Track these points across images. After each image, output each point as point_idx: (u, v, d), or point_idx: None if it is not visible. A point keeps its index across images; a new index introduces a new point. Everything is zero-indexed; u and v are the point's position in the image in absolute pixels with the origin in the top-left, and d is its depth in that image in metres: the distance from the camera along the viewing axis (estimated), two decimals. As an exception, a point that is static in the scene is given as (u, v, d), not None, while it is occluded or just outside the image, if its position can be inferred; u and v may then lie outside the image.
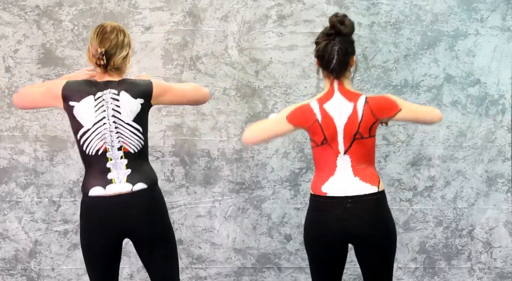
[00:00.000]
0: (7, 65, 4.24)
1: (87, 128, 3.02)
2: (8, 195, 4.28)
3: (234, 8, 4.32)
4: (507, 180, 4.47)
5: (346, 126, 3.03)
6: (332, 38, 3.03)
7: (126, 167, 3.03)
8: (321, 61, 3.07)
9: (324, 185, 3.05)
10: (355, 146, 3.04)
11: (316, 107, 3.05)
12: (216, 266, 4.39)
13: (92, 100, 3.02)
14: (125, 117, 3.03)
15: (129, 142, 3.03)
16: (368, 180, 3.05)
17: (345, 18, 3.05)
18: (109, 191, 3.00)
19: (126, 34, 3.10)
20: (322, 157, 3.07)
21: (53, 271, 4.32)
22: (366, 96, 3.07)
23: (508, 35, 4.42)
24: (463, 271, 4.50)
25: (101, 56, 3.02)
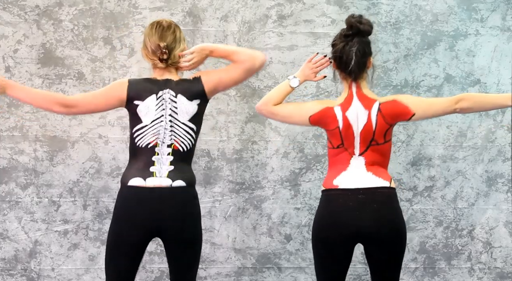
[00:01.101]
0: (7, 65, 4.24)
1: (145, 124, 3.07)
2: (8, 195, 4.28)
3: (234, 8, 4.32)
4: (507, 180, 4.47)
5: (362, 133, 3.03)
6: (350, 39, 3.02)
7: (170, 164, 3.06)
8: (339, 62, 3.06)
9: (336, 179, 3.04)
10: (370, 150, 3.04)
11: (340, 114, 3.04)
12: (216, 266, 4.39)
13: (155, 99, 3.08)
14: (181, 118, 3.08)
15: (181, 140, 3.08)
16: (381, 176, 3.04)
17: (362, 17, 3.04)
18: (149, 183, 3.03)
19: (181, 30, 3.16)
20: (336, 158, 3.07)
21: (53, 271, 4.31)
22: (379, 103, 3.05)
23: (508, 35, 4.43)
24: (463, 271, 4.50)
25: (164, 50, 3.07)
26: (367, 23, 3.04)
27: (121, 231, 3.04)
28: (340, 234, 2.99)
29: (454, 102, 3.10)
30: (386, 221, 2.99)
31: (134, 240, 3.04)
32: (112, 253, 3.06)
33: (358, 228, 2.97)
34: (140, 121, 3.07)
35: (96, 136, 4.28)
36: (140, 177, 3.04)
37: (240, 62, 3.14)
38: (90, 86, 4.24)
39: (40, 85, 4.24)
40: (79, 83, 4.25)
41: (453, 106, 3.10)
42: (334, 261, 3.04)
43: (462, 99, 3.11)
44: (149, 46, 3.10)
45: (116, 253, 3.05)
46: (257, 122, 4.36)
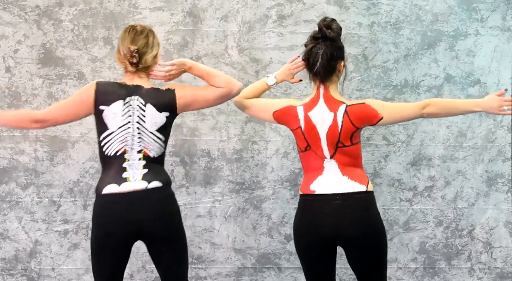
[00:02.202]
0: (7, 65, 4.25)
1: (112, 131, 3.04)
2: (8, 195, 4.28)
3: (234, 8, 4.32)
4: (507, 180, 4.47)
5: (328, 134, 3.03)
6: (318, 41, 3.04)
7: (143, 167, 3.05)
8: (307, 64, 3.09)
9: (312, 184, 3.05)
10: (339, 153, 3.04)
11: (302, 114, 3.06)
12: (216, 266, 4.39)
13: (121, 105, 3.05)
14: (149, 127, 3.06)
15: (151, 148, 3.06)
16: (357, 179, 3.04)
17: (333, 22, 3.05)
18: (124, 188, 3.01)
19: (155, 35, 3.15)
20: (308, 162, 3.08)
21: (53, 271, 4.32)
22: (346, 105, 3.05)
23: (508, 35, 4.43)
24: (463, 271, 4.50)
25: (134, 54, 3.05)
26: (335, 28, 3.04)
27: (104, 238, 3.04)
28: (318, 239, 3.01)
29: (421, 107, 3.10)
30: (362, 226, 3.00)
31: (115, 247, 3.03)
32: (96, 260, 3.08)
33: (335, 233, 2.99)
34: (107, 127, 3.04)
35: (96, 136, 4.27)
36: (114, 184, 3.01)
37: (218, 86, 3.13)
38: (90, 86, 4.24)
39: (40, 85, 4.24)
40: (79, 83, 4.25)
41: (419, 111, 3.10)
42: (318, 263, 3.06)
43: (428, 104, 3.10)
44: (121, 50, 3.08)
45: (100, 260, 3.07)
46: (257, 122, 4.36)
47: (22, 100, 4.24)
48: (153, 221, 3.02)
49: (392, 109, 3.10)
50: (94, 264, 3.10)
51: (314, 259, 3.05)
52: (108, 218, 3.02)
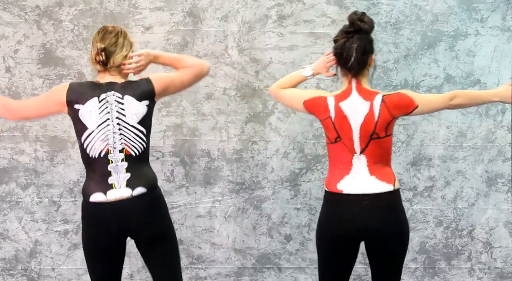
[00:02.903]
0: (7, 65, 4.25)
1: (91, 130, 3.04)
2: (8, 195, 4.28)
3: (234, 8, 4.32)
4: (507, 180, 4.47)
5: (363, 125, 3.01)
6: (351, 35, 3.03)
7: (126, 171, 3.04)
8: (339, 58, 3.06)
9: (339, 183, 3.03)
10: (371, 146, 3.02)
11: (332, 104, 3.04)
12: (216, 266, 4.39)
13: (97, 102, 3.04)
14: (130, 120, 3.05)
15: (132, 144, 3.05)
16: (384, 179, 3.04)
17: (364, 15, 3.05)
18: (110, 197, 3.02)
19: (127, 37, 3.14)
20: (337, 155, 3.06)
21: (53, 271, 4.32)
22: (382, 95, 3.06)
23: (508, 35, 4.42)
24: (463, 271, 4.50)
25: (99, 52, 3.05)
26: (369, 21, 3.05)
27: (93, 244, 3.07)
28: (345, 237, 3.01)
29: (449, 98, 3.15)
30: (390, 224, 3.01)
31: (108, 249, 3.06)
32: (92, 265, 3.11)
33: (362, 232, 3.00)
34: (86, 127, 3.03)
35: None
36: (100, 192, 3.02)
37: (189, 66, 3.16)
38: (90, 86, 4.25)
39: (40, 85, 4.24)
40: (79, 83, 4.25)
41: (448, 102, 3.16)
42: (339, 262, 3.06)
43: (455, 96, 3.16)
44: (92, 50, 3.11)
45: (94, 264, 3.10)
46: (257, 122, 4.36)
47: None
48: (140, 225, 3.03)
49: (426, 99, 3.14)
50: (88, 265, 3.14)
51: (334, 256, 3.05)
52: (97, 226, 3.04)
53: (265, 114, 4.36)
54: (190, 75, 3.18)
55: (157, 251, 3.07)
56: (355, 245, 3.06)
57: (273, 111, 4.36)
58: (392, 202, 3.04)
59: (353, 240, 3.03)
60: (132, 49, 3.15)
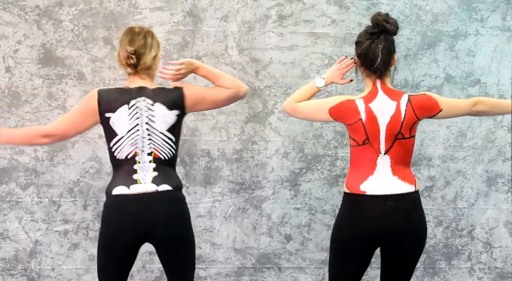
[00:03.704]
0: (7, 65, 4.25)
1: (121, 136, 3.03)
2: (8, 195, 4.28)
3: (234, 8, 4.32)
4: (507, 180, 4.47)
5: (389, 125, 3.00)
6: (376, 36, 3.01)
7: (153, 170, 3.04)
8: (364, 60, 3.04)
9: (363, 184, 3.02)
10: (396, 146, 3.02)
11: (362, 106, 3.02)
12: (216, 266, 4.39)
13: (127, 109, 3.03)
14: (159, 127, 3.04)
15: (161, 149, 3.05)
16: (407, 179, 3.04)
17: (389, 16, 3.04)
18: (133, 190, 3.01)
19: (154, 36, 3.13)
20: (361, 156, 3.04)
21: (53, 271, 4.32)
22: (408, 95, 3.05)
23: (508, 35, 4.43)
24: (463, 271, 4.50)
25: (131, 55, 3.04)
26: (394, 23, 3.04)
27: (112, 239, 3.04)
28: (367, 239, 3.00)
29: (472, 104, 3.16)
30: (414, 226, 3.02)
31: (123, 247, 3.03)
32: (103, 259, 3.08)
33: (385, 233, 2.99)
34: (115, 134, 3.03)
35: (96, 136, 4.28)
36: (123, 186, 3.01)
37: (226, 87, 3.12)
38: (90, 86, 4.25)
39: (40, 85, 4.24)
40: (79, 83, 4.25)
41: (470, 108, 3.16)
42: (352, 263, 3.05)
43: (478, 102, 3.16)
44: (120, 53, 3.08)
45: (107, 259, 3.06)
46: (257, 122, 4.36)
47: (22, 100, 4.24)
48: (161, 224, 3.01)
49: (449, 103, 3.13)
50: (100, 263, 3.10)
51: (351, 258, 3.04)
52: (117, 218, 3.02)
53: (265, 114, 4.36)
54: (224, 97, 3.13)
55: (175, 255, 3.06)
56: (375, 246, 3.05)
57: (273, 111, 4.36)
58: (414, 203, 3.05)
59: (374, 241, 3.02)
60: (159, 49, 3.13)
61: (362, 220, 3.00)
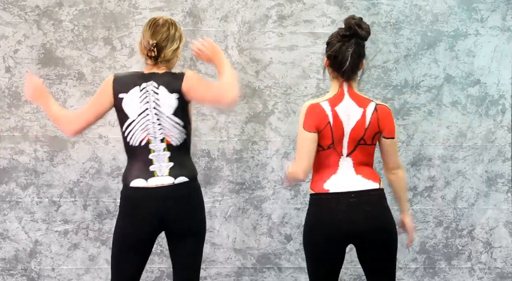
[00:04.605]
0: (7, 65, 4.24)
1: (132, 119, 3.04)
2: (8, 195, 4.28)
3: (234, 8, 4.32)
4: (507, 180, 4.47)
5: (353, 131, 3.01)
6: (347, 39, 3.01)
7: (169, 160, 3.04)
8: (333, 61, 3.03)
9: (326, 183, 3.03)
10: (358, 150, 3.03)
11: (328, 109, 3.01)
12: (216, 266, 4.39)
13: (138, 91, 3.04)
14: (165, 111, 3.04)
15: (171, 134, 3.05)
16: (370, 177, 3.04)
17: (362, 21, 3.02)
18: (151, 183, 3.03)
19: (178, 28, 3.11)
20: (324, 160, 3.05)
21: (53, 271, 4.32)
22: (376, 103, 3.05)
23: (508, 35, 4.43)
24: (463, 271, 4.50)
25: (152, 48, 3.04)
26: (366, 28, 3.02)
27: (128, 228, 3.05)
28: (333, 237, 3.00)
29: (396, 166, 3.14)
30: (378, 222, 3.01)
31: (140, 236, 3.04)
32: (120, 250, 3.07)
33: (350, 230, 2.99)
34: (127, 116, 3.04)
35: (96, 136, 4.28)
36: (141, 178, 3.03)
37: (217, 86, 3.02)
38: (90, 86, 4.25)
39: (40, 85, 4.24)
40: (79, 83, 4.25)
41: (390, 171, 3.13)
42: (327, 262, 3.05)
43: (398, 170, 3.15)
44: (142, 42, 3.09)
45: (124, 249, 3.06)
46: (257, 122, 4.36)
47: (22, 100, 4.24)
48: (179, 216, 3.04)
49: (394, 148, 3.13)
50: (116, 255, 3.08)
51: (325, 258, 3.03)
52: (136, 211, 3.03)
53: (265, 114, 4.36)
54: (207, 98, 3.06)
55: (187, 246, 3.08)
56: (344, 245, 3.04)
57: (273, 111, 4.36)
58: (379, 199, 3.04)
59: (341, 239, 3.01)
60: (182, 40, 3.11)
61: (327, 218, 3.00)
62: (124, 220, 3.07)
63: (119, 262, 3.08)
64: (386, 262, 3.06)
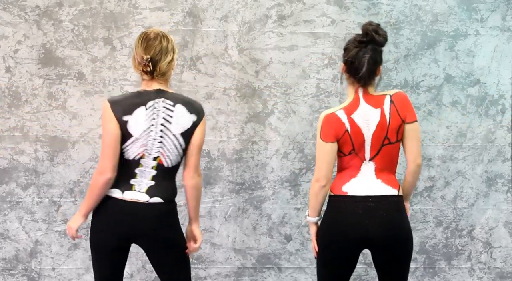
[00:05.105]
0: (7, 65, 4.25)
1: (136, 138, 3.01)
2: (8, 195, 4.29)
3: (234, 8, 4.32)
4: (507, 180, 4.47)
5: (375, 134, 3.00)
6: (364, 45, 3.00)
7: (152, 178, 3.04)
8: (350, 67, 3.03)
9: (345, 185, 3.03)
10: (381, 153, 3.02)
11: (344, 117, 3.01)
12: (216, 266, 4.40)
13: (144, 110, 3.00)
14: (174, 129, 3.02)
15: (168, 154, 3.03)
16: (389, 183, 3.04)
17: (379, 27, 3.01)
18: (126, 196, 3.02)
19: (170, 40, 3.07)
20: (346, 164, 3.05)
21: (53, 271, 4.32)
22: (390, 95, 3.05)
23: (508, 35, 4.42)
24: (463, 271, 4.50)
25: (147, 63, 3.00)
26: (383, 34, 3.01)
27: (101, 239, 3.06)
28: (349, 240, 3.00)
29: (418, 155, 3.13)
30: (394, 228, 3.01)
31: (114, 247, 3.06)
32: (98, 263, 3.11)
33: (366, 234, 2.99)
34: (131, 135, 3.00)
35: (96, 136, 4.28)
36: (118, 189, 3.02)
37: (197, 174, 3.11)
38: (90, 86, 4.25)
39: (40, 85, 4.25)
40: (79, 83, 4.26)
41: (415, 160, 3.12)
42: (341, 265, 3.05)
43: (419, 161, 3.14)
44: (136, 58, 3.04)
45: (100, 262, 3.10)
46: (257, 122, 4.37)
47: (22, 100, 4.25)
48: (147, 232, 3.03)
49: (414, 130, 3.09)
50: (93, 263, 3.14)
51: (340, 260, 3.04)
52: (107, 220, 3.04)
53: (265, 114, 4.36)
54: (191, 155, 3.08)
55: (162, 260, 3.07)
56: (358, 249, 3.05)
57: (273, 111, 4.36)
58: (397, 205, 3.04)
59: (357, 243, 3.02)
60: (176, 52, 3.08)
61: (343, 220, 3.01)
62: (95, 226, 3.08)
63: (94, 265, 3.12)
64: (399, 268, 3.07)
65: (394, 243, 3.01)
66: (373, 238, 2.99)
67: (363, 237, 3.00)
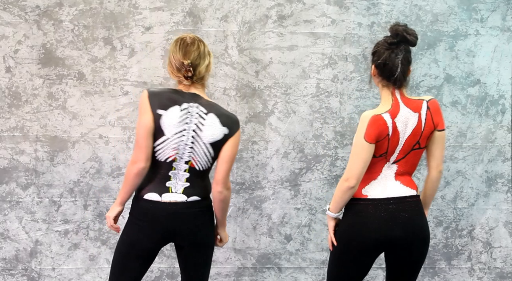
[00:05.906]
0: (7, 65, 4.25)
1: (167, 137, 3.02)
2: (8, 195, 4.29)
3: (234, 8, 4.32)
4: (507, 180, 4.47)
5: (408, 138, 3.00)
6: (395, 46, 2.98)
7: (186, 180, 3.06)
8: (382, 70, 3.01)
9: (364, 188, 3.03)
10: (408, 157, 3.02)
11: (389, 121, 2.98)
12: (216, 266, 4.40)
13: (178, 110, 3.01)
14: (205, 137, 3.03)
15: (198, 160, 3.05)
16: (408, 184, 3.04)
17: (408, 27, 3.00)
18: (165, 199, 3.04)
19: (205, 44, 3.09)
20: (370, 166, 3.03)
21: (53, 271, 4.32)
22: (426, 101, 3.02)
23: (508, 35, 4.43)
24: (463, 271, 4.50)
25: (188, 68, 3.01)
26: (413, 33, 3.00)
27: (136, 236, 3.06)
28: (370, 243, 2.99)
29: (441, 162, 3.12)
30: (415, 229, 3.01)
31: (147, 245, 3.06)
32: (124, 257, 3.09)
33: (389, 237, 2.98)
34: (163, 133, 3.01)
35: (96, 136, 4.28)
36: (155, 193, 3.04)
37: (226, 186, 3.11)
38: (90, 86, 4.25)
39: (40, 85, 4.25)
40: (80, 83, 4.26)
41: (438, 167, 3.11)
42: (358, 269, 3.04)
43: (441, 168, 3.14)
44: (173, 64, 3.04)
45: (128, 256, 3.08)
46: (257, 122, 4.37)
47: (22, 100, 4.25)
48: (187, 230, 3.06)
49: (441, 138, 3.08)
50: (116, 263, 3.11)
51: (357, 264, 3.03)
52: (146, 221, 3.05)
53: (265, 114, 4.36)
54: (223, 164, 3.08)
55: (195, 259, 3.11)
56: (379, 252, 3.04)
57: (273, 111, 4.36)
58: (417, 206, 3.04)
59: (379, 246, 3.02)
60: (211, 56, 3.10)
61: (365, 224, 3.00)
62: (132, 228, 3.08)
63: (120, 269, 3.10)
64: (415, 269, 3.08)
65: (415, 245, 3.01)
66: (395, 240, 2.99)
67: (385, 240, 2.99)
